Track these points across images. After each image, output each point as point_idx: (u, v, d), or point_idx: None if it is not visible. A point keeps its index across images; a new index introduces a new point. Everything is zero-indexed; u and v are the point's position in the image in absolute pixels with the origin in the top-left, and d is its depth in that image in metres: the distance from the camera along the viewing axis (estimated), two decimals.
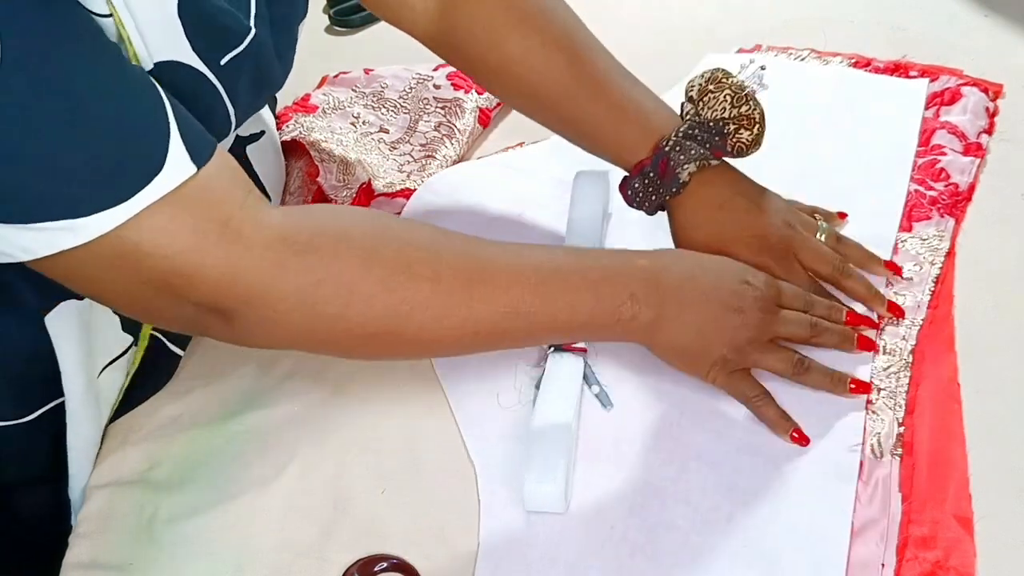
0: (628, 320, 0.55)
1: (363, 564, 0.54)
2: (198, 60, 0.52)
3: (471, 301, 0.52)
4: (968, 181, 0.69)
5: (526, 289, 0.53)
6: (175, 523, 0.57)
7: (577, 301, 0.54)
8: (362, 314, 0.50)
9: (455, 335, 0.53)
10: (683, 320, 0.56)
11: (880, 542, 0.52)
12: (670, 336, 0.56)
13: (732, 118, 0.60)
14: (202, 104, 0.54)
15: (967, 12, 0.88)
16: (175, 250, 0.45)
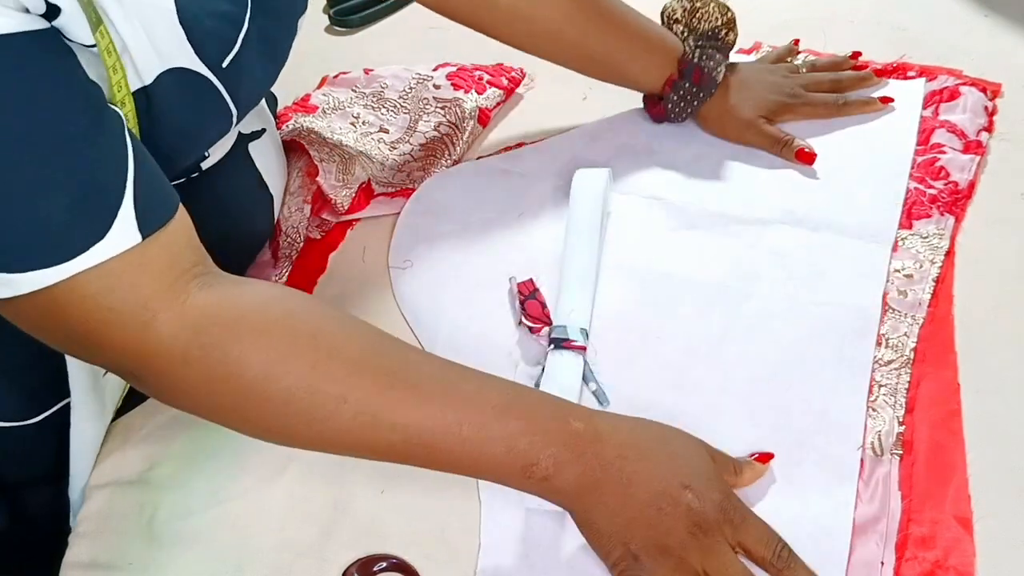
0: (539, 480, 0.50)
1: (363, 564, 0.54)
2: (202, 65, 0.53)
3: (383, 407, 0.49)
4: (968, 179, 0.70)
5: (441, 414, 0.49)
6: (175, 523, 0.57)
7: (487, 447, 0.49)
8: (259, 408, 0.49)
9: (349, 438, 0.50)
10: (597, 500, 0.50)
11: (880, 541, 0.52)
12: (588, 510, 0.51)
13: (723, 24, 0.73)
14: (206, 108, 0.54)
15: (967, 12, 0.88)
16: (95, 318, 0.46)
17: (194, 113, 0.55)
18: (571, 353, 0.61)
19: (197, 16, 0.52)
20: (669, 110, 0.75)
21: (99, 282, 0.45)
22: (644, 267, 0.68)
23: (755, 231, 0.69)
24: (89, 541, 0.58)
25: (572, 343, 0.61)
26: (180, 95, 0.53)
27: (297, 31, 0.64)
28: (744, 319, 0.63)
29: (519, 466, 0.49)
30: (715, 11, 0.74)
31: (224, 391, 0.48)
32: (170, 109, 0.53)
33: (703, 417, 0.58)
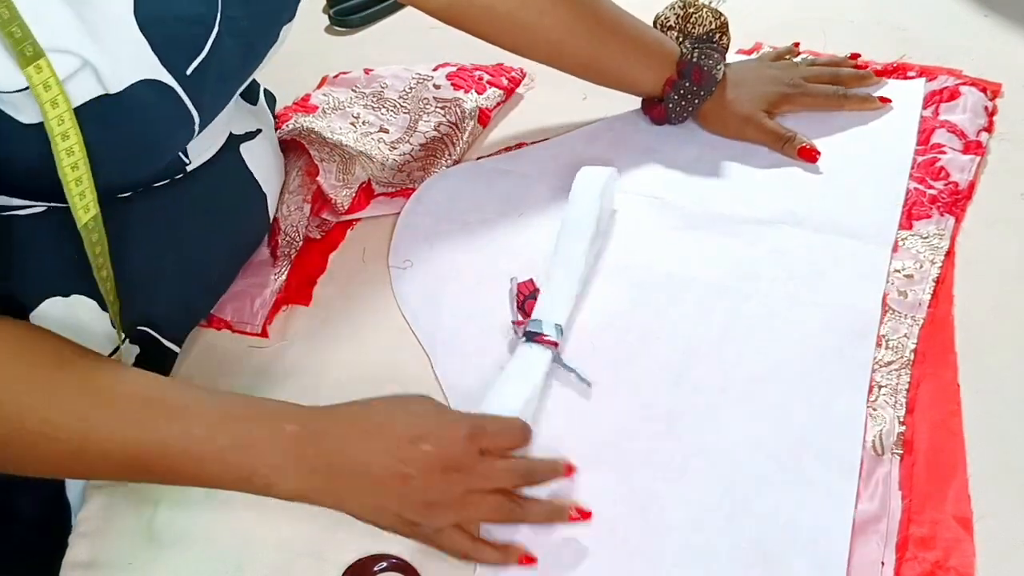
0: (264, 487, 0.50)
1: (363, 563, 0.54)
2: (166, 73, 0.52)
3: (88, 433, 0.49)
4: (968, 179, 0.70)
5: (147, 437, 0.49)
6: (175, 523, 0.57)
7: (203, 467, 0.50)
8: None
9: (65, 465, 0.50)
10: (338, 491, 0.50)
11: (880, 541, 0.52)
12: (337, 503, 0.51)
13: (717, 28, 0.75)
14: (166, 117, 0.54)
15: (967, 12, 0.88)
16: None
17: (153, 123, 0.54)
18: (540, 347, 0.60)
19: (162, 19, 0.52)
20: (670, 110, 0.75)
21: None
22: (644, 267, 0.68)
23: (755, 231, 0.69)
24: (89, 541, 0.58)
25: (543, 337, 0.61)
26: (145, 106, 0.52)
27: (280, 39, 0.63)
28: (744, 319, 0.63)
29: (239, 478, 0.50)
30: (708, 16, 0.75)
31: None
32: (132, 119, 0.52)
33: (703, 417, 0.58)
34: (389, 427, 0.51)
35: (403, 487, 0.50)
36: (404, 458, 0.50)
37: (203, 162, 0.64)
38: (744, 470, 0.55)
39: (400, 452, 0.50)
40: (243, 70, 0.61)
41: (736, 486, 0.55)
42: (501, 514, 0.51)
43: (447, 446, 0.50)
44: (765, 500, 0.54)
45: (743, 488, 0.55)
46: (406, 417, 0.52)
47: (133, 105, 0.51)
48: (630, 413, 0.59)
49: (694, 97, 0.74)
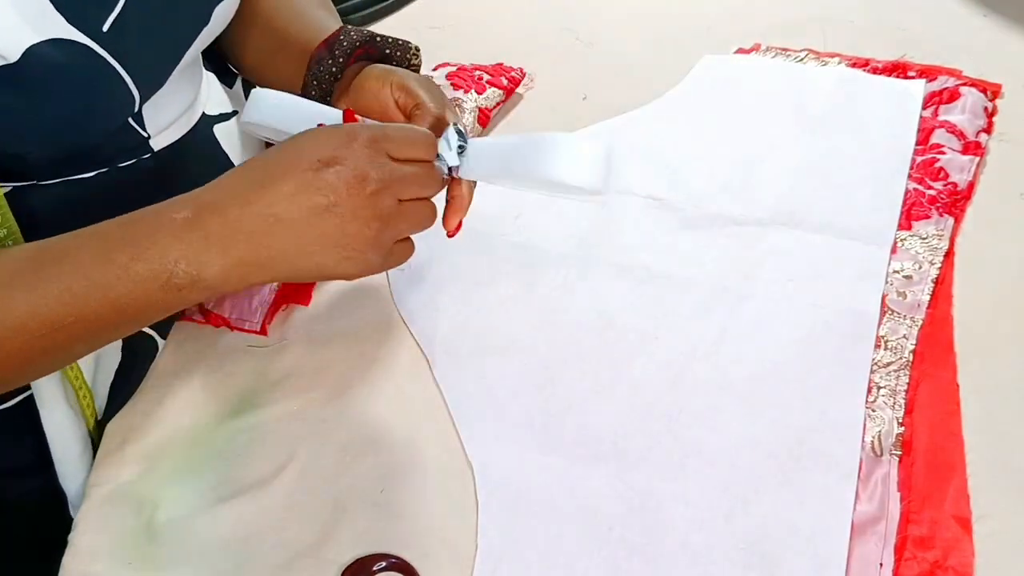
0: (192, 286, 0.46)
1: (362, 563, 0.54)
2: (76, 32, 0.49)
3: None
4: (967, 180, 0.70)
5: (43, 294, 0.46)
6: (175, 523, 0.57)
7: (116, 295, 0.46)
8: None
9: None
10: (265, 258, 0.47)
11: (879, 541, 0.52)
12: (271, 273, 0.48)
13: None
14: (91, 80, 0.51)
15: (966, 12, 0.88)
16: None
17: (77, 87, 0.51)
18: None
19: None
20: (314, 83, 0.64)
21: None
22: (643, 267, 0.68)
23: (754, 232, 0.69)
24: (89, 541, 0.58)
25: None
26: (57, 69, 0.49)
27: (212, 20, 0.60)
28: (743, 320, 0.63)
29: (158, 288, 0.46)
30: None
31: None
32: (45, 85, 0.50)
33: (702, 417, 0.58)
34: (285, 165, 0.47)
35: (330, 218, 0.46)
36: (317, 187, 0.46)
37: (172, 142, 0.62)
38: (743, 470, 0.56)
39: (308, 183, 0.46)
40: (172, 27, 0.58)
41: (735, 486, 0.55)
42: (428, 221, 0.51)
43: (356, 159, 0.46)
44: (764, 500, 0.54)
45: (742, 488, 0.55)
46: (297, 149, 0.47)
47: (39, 69, 0.49)
48: (629, 412, 0.59)
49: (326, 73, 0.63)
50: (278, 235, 0.46)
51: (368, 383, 0.63)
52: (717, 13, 0.92)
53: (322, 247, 0.47)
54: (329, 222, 0.46)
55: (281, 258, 0.47)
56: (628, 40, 0.90)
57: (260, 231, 0.46)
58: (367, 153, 0.47)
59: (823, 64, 0.83)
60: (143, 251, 0.47)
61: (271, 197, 0.46)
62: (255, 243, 0.47)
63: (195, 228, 0.47)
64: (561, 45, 0.90)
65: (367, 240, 0.48)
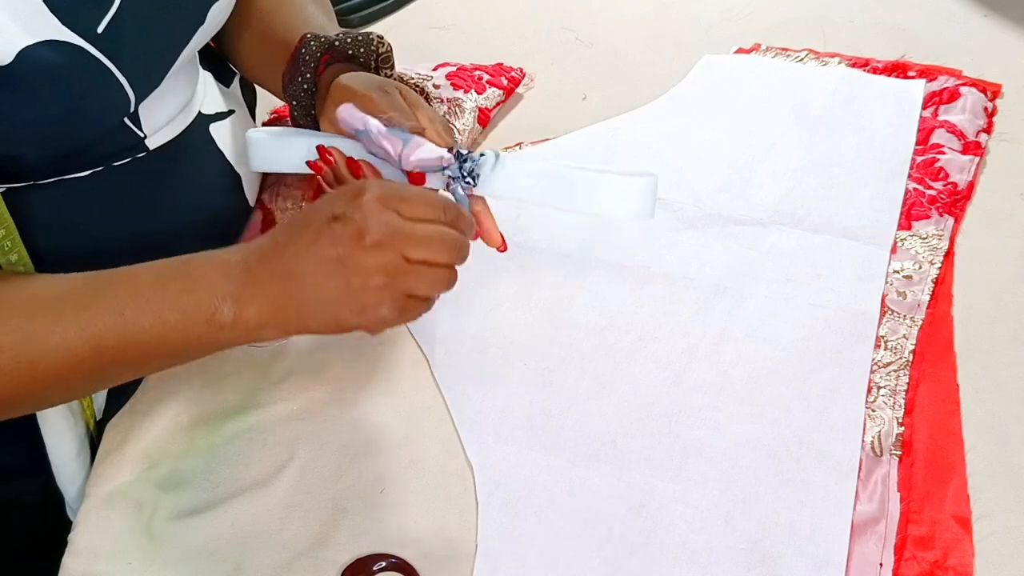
0: (234, 324, 0.49)
1: (362, 563, 0.54)
2: (71, 33, 0.50)
3: (34, 337, 0.48)
4: (967, 180, 0.70)
5: (96, 314, 0.48)
6: (175, 523, 0.57)
7: (161, 321, 0.49)
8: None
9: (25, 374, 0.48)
10: (302, 303, 0.49)
11: (879, 541, 0.52)
12: (308, 322, 0.49)
13: None
14: (86, 82, 0.52)
15: (966, 12, 0.88)
16: None
17: (71, 88, 0.51)
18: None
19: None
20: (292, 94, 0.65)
21: None
22: (643, 267, 0.68)
23: (754, 232, 0.69)
24: (89, 541, 0.58)
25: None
26: (51, 71, 0.50)
27: (207, 20, 0.60)
28: (743, 319, 0.63)
29: (203, 323, 0.48)
30: None
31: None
32: (39, 87, 0.50)
33: (702, 417, 0.58)
34: (307, 219, 0.49)
35: (337, 272, 0.48)
36: (327, 240, 0.48)
37: (168, 140, 0.62)
38: (743, 470, 0.56)
39: (320, 236, 0.48)
40: (169, 29, 0.58)
41: (734, 486, 0.55)
42: (443, 286, 0.51)
43: (361, 213, 0.48)
44: (764, 500, 0.54)
45: (742, 488, 0.55)
46: (318, 205, 0.50)
47: (33, 71, 0.49)
48: (629, 412, 0.59)
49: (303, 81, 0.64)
50: (302, 285, 0.48)
51: (368, 383, 0.63)
52: (717, 13, 0.92)
53: (337, 299, 0.49)
54: (338, 274, 0.48)
55: (308, 307, 0.49)
56: (628, 40, 0.90)
57: (289, 279, 0.49)
58: (373, 208, 0.48)
59: (823, 64, 0.83)
60: (194, 283, 0.49)
61: (295, 249, 0.49)
62: (287, 291, 0.49)
63: (241, 269, 0.49)
64: (561, 45, 0.90)
65: (374, 293, 0.48)
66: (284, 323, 0.50)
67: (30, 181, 0.56)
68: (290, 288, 0.49)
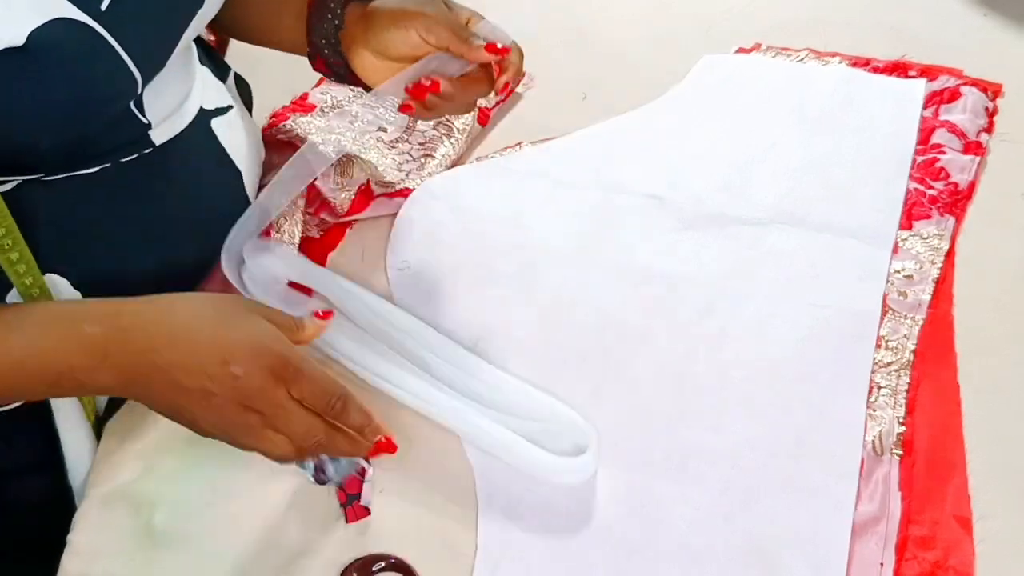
0: (79, 387, 0.53)
1: (362, 563, 0.54)
2: (76, 10, 0.50)
3: None
4: (968, 180, 0.70)
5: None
6: (174, 523, 0.57)
7: (12, 378, 0.51)
8: None
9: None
10: (146, 392, 0.52)
11: (880, 541, 0.52)
12: (146, 402, 0.52)
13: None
14: (93, 61, 0.52)
15: (966, 12, 0.88)
16: None
17: (81, 68, 0.51)
18: None
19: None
20: (320, 44, 0.65)
21: None
22: (643, 267, 0.68)
23: (754, 232, 0.69)
24: (88, 541, 0.57)
25: None
26: (60, 49, 0.50)
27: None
28: (743, 320, 0.63)
29: (50, 384, 0.51)
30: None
31: None
32: (49, 68, 0.50)
33: (702, 417, 0.58)
34: (198, 336, 0.51)
35: (206, 404, 0.50)
36: (211, 375, 0.49)
37: (173, 136, 0.62)
38: (743, 470, 0.55)
39: (207, 369, 0.49)
40: (167, 8, 0.58)
41: (735, 486, 0.55)
42: (296, 452, 0.51)
43: (252, 378, 0.49)
44: (764, 500, 0.54)
45: (741, 489, 0.55)
46: (215, 328, 0.51)
47: (43, 51, 0.49)
48: (629, 413, 0.59)
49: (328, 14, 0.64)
50: (164, 385, 0.50)
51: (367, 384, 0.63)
52: (717, 13, 0.92)
53: (191, 412, 0.51)
54: (206, 405, 0.50)
55: (159, 399, 0.51)
56: (628, 40, 0.90)
57: (154, 377, 0.50)
58: (265, 383, 0.50)
59: (824, 64, 0.83)
60: (42, 353, 0.50)
61: (173, 356, 0.50)
62: (142, 379, 0.51)
63: (100, 347, 0.50)
64: (561, 45, 0.90)
65: (225, 435, 0.52)
66: (127, 396, 0.53)
67: (41, 174, 0.56)
68: (146, 383, 0.51)
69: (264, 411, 0.50)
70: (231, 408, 0.50)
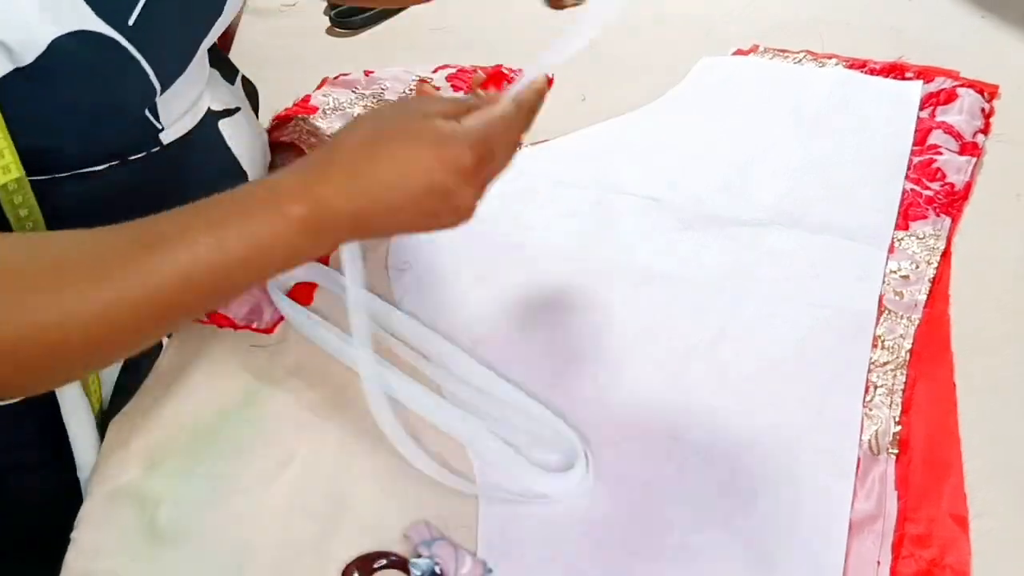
0: (296, 263, 0.49)
1: (363, 561, 0.54)
2: (104, 24, 0.51)
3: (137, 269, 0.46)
4: (964, 180, 0.70)
5: (159, 265, 0.46)
6: (175, 522, 0.57)
7: (227, 282, 0.47)
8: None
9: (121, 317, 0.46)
10: (380, 232, 0.51)
11: (876, 540, 0.52)
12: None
13: None
14: (116, 73, 0.52)
15: (964, 13, 0.88)
16: None
17: (102, 80, 0.52)
18: None
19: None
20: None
21: None
22: (641, 267, 0.68)
23: (752, 232, 0.69)
24: (91, 538, 0.58)
25: None
26: (82, 62, 0.50)
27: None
28: (741, 320, 0.64)
29: (278, 268, 0.49)
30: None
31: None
32: (71, 78, 0.50)
33: (699, 417, 0.58)
34: (402, 187, 0.48)
35: (434, 222, 0.50)
36: (425, 211, 0.48)
37: (180, 136, 0.63)
38: (741, 470, 0.56)
39: (421, 205, 0.48)
40: (196, 18, 0.59)
41: (733, 486, 0.55)
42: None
43: (465, 198, 0.49)
44: (762, 500, 0.54)
45: (740, 488, 0.55)
46: (401, 168, 0.48)
47: (65, 62, 0.49)
48: (628, 412, 0.60)
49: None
50: (388, 225, 0.50)
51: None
52: (716, 15, 0.92)
53: (432, 222, 0.50)
54: (432, 220, 0.50)
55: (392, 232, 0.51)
56: (628, 41, 0.90)
57: (373, 225, 0.49)
58: (475, 185, 0.49)
59: (821, 65, 0.83)
60: (257, 253, 0.47)
61: (389, 216, 0.49)
62: (364, 229, 0.49)
63: (311, 233, 0.47)
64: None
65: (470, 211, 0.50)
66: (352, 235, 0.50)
67: (55, 174, 0.57)
68: (369, 228, 0.49)
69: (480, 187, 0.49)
70: (452, 216, 0.49)
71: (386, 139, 0.48)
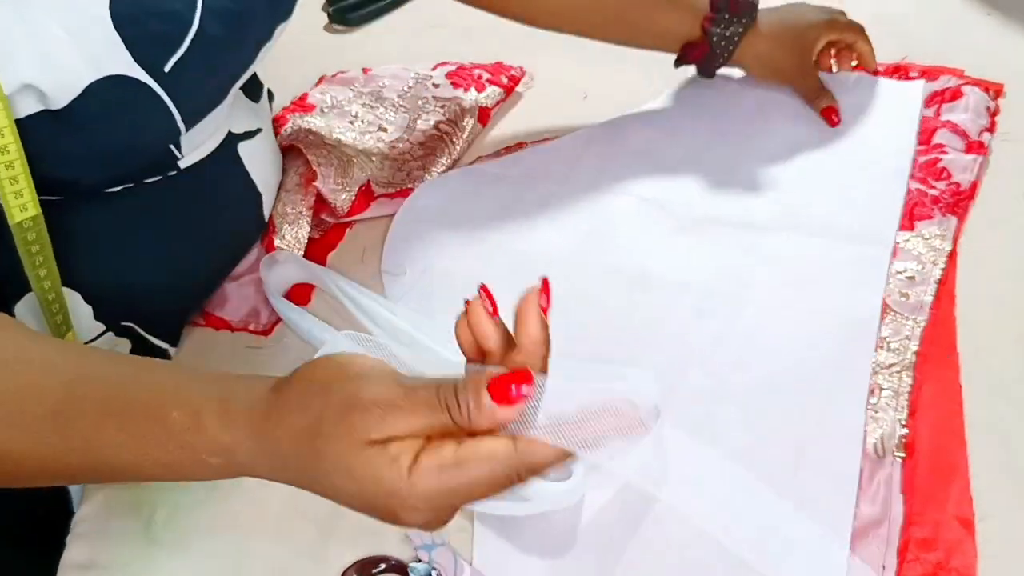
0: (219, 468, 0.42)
1: (361, 565, 0.54)
2: (141, 71, 0.52)
3: None
4: (970, 179, 0.69)
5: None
6: (174, 523, 0.57)
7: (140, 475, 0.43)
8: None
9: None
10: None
11: (881, 544, 0.51)
12: None
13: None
14: (143, 116, 0.53)
15: (969, 11, 0.88)
16: None
17: (130, 122, 0.53)
18: None
19: (137, 18, 0.51)
20: (714, 44, 0.74)
21: None
22: (639, 271, 0.67)
23: (752, 235, 0.69)
24: (87, 541, 0.57)
25: None
26: (114, 105, 0.51)
27: (273, 37, 0.62)
28: (740, 324, 0.63)
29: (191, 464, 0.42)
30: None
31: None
32: (99, 120, 0.51)
33: (700, 424, 0.58)
34: (346, 493, 0.42)
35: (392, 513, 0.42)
36: (381, 507, 0.41)
37: (198, 160, 0.63)
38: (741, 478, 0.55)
39: (377, 501, 0.41)
40: (231, 65, 0.60)
41: (734, 493, 0.54)
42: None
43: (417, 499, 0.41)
44: (763, 508, 0.54)
45: (741, 496, 0.54)
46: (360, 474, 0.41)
47: (96, 106, 0.50)
48: None
49: (737, 26, 0.74)
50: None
51: None
52: None
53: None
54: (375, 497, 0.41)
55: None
56: None
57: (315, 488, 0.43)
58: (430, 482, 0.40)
59: None
60: (172, 465, 0.42)
61: (334, 486, 0.42)
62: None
63: (230, 475, 0.43)
64: (561, 44, 0.90)
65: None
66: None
67: (70, 198, 0.57)
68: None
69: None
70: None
71: (331, 454, 0.41)
